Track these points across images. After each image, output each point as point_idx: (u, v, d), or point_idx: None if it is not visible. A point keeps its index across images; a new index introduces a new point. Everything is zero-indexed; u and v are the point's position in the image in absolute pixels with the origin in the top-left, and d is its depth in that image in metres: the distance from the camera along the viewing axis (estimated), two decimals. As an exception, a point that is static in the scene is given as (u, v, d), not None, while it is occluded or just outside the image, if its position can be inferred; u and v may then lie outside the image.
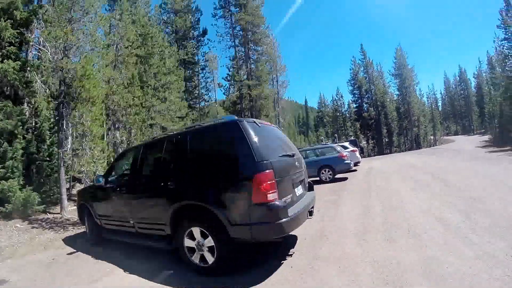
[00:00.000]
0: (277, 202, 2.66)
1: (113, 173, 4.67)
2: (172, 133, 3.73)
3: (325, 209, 5.70)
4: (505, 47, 19.24)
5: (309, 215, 3.36)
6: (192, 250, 3.08)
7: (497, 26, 18.90)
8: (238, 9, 24.33)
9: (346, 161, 10.06)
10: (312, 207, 3.53)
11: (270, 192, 2.64)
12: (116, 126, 11.37)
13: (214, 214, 2.81)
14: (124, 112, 11.25)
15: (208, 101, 26.51)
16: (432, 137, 36.02)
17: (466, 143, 27.54)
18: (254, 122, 3.16)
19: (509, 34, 18.19)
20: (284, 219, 2.65)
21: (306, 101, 71.21)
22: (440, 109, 50.37)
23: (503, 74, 20.77)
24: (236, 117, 3.15)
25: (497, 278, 2.31)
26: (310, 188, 4.05)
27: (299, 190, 3.41)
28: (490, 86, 31.55)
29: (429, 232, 3.55)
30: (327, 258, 3.12)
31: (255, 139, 2.86)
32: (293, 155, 3.44)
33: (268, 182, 2.64)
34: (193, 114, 19.41)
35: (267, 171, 2.68)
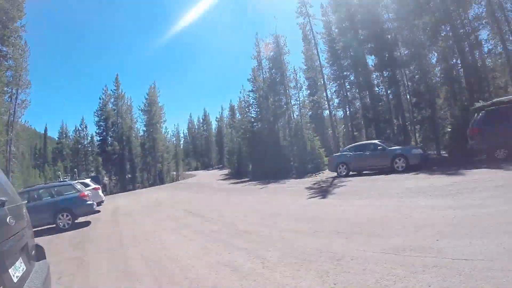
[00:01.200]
0: None
1: None
2: None
3: (68, 275, 3.89)
4: (250, 97, 25.20)
5: None
6: None
7: (248, 79, 24.50)
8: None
9: (88, 202, 8.72)
10: None
11: None
12: None
13: None
14: None
15: None
16: (174, 173, 38.31)
17: (207, 177, 29.81)
18: None
19: (256, 87, 23.93)
20: None
21: (46, 130, 58.08)
22: (182, 146, 56.73)
23: (244, 119, 26.28)
24: None
25: None
26: (40, 255, 2.38)
27: (18, 269, 1.84)
28: (232, 128, 39.28)
29: (221, 283, 2.92)
30: None
31: None
32: (2, 204, 1.83)
33: None
34: None
35: None
